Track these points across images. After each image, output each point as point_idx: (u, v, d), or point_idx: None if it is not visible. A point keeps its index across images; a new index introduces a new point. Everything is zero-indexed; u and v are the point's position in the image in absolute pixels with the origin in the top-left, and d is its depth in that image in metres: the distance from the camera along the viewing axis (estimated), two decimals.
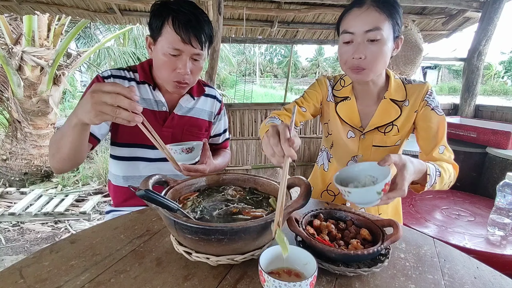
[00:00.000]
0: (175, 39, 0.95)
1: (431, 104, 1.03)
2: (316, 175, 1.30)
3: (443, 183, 0.92)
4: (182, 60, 0.99)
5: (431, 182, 0.87)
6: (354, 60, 0.94)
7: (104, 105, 0.68)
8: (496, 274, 0.70)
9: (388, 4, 0.91)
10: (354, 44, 0.93)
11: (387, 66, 1.04)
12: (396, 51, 0.99)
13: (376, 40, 0.90)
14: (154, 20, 0.98)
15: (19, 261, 0.67)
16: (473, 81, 3.12)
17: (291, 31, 3.34)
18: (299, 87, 26.23)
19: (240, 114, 3.14)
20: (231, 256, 0.64)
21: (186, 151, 0.97)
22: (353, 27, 0.92)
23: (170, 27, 0.95)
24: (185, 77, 1.02)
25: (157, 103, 1.11)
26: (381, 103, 1.06)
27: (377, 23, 0.90)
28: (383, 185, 0.69)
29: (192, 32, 0.96)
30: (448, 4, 2.82)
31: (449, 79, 31.83)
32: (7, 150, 3.87)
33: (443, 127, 1.03)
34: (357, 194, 0.72)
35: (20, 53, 3.70)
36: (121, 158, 1.12)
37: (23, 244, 2.52)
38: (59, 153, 0.88)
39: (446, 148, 1.02)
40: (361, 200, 0.73)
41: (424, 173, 0.85)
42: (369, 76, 0.97)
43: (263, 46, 35.96)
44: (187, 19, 0.95)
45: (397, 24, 0.93)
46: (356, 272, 0.65)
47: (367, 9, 0.90)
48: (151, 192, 0.62)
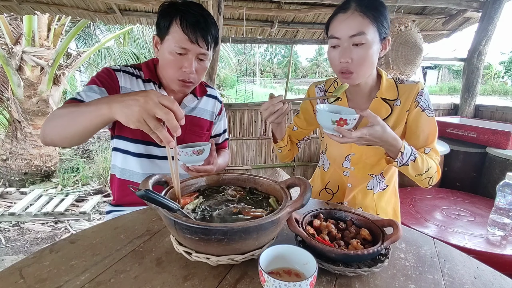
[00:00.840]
0: (182, 38, 0.97)
1: (422, 105, 1.04)
2: (316, 175, 1.32)
3: (417, 171, 0.97)
4: (188, 59, 1.01)
5: (402, 160, 0.93)
6: (342, 64, 0.96)
7: (152, 118, 0.65)
8: (496, 274, 0.70)
9: (372, 8, 0.92)
10: (341, 48, 0.96)
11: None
12: (384, 51, 1.01)
13: (361, 44, 0.93)
14: (162, 20, 1.00)
15: (19, 261, 0.67)
16: (473, 81, 3.12)
17: (291, 31, 3.34)
18: (299, 87, 26.24)
19: (240, 114, 3.14)
20: (231, 256, 0.64)
21: (197, 153, 0.98)
22: (338, 32, 0.95)
23: (178, 27, 0.97)
24: (190, 76, 1.03)
25: None
26: (373, 102, 1.07)
27: (361, 28, 0.92)
28: (338, 118, 0.81)
29: (199, 32, 0.98)
30: (448, 4, 2.82)
31: (449, 79, 31.82)
32: (7, 150, 3.87)
33: (433, 130, 1.05)
34: (320, 115, 0.87)
35: (20, 53, 3.70)
36: (137, 155, 1.12)
37: (23, 244, 2.52)
38: (65, 130, 0.83)
39: (432, 150, 1.05)
40: (321, 121, 0.87)
41: (398, 150, 0.92)
42: (357, 80, 1.00)
43: (263, 46, 35.98)
44: (195, 19, 0.98)
45: (383, 26, 0.95)
46: (356, 272, 0.65)
47: (351, 14, 0.93)
48: (151, 192, 0.62)
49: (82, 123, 0.79)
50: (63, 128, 0.83)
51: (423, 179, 1.01)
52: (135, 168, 1.14)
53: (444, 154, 2.60)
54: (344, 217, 0.83)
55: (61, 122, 0.83)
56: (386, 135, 0.88)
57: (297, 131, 1.27)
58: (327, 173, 1.24)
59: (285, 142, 1.18)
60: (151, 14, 2.84)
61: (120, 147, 1.13)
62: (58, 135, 0.85)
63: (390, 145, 0.91)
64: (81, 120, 0.79)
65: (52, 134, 0.86)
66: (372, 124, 0.87)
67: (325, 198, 1.24)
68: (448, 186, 2.59)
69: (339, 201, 1.20)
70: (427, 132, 1.05)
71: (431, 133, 1.05)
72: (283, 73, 38.36)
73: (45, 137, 0.89)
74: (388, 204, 1.19)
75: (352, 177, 1.15)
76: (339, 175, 1.19)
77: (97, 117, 0.75)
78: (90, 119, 0.77)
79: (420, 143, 1.05)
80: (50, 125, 0.86)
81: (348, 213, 0.84)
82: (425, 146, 1.05)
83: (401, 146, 0.92)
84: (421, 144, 1.05)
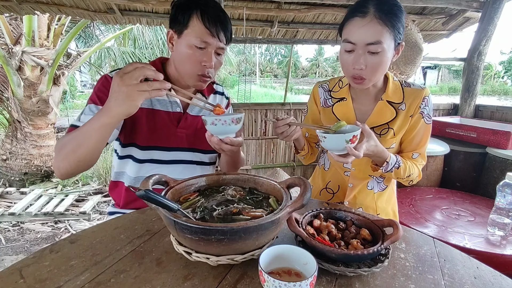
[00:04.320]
0: (204, 32, 0.97)
1: (423, 112, 1.05)
2: (316, 174, 1.32)
3: (399, 176, 1.05)
4: (207, 53, 1.00)
5: (387, 168, 1.00)
6: (356, 70, 0.95)
7: (138, 84, 0.71)
8: (496, 274, 0.70)
9: (391, 14, 0.89)
10: (355, 54, 0.94)
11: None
12: (396, 57, 1.00)
13: (376, 53, 0.91)
14: (180, 13, 0.98)
15: (19, 261, 0.67)
16: (473, 81, 3.12)
17: (291, 31, 3.33)
18: (299, 87, 26.24)
19: None
20: (231, 256, 0.64)
21: (235, 121, 0.90)
22: (354, 37, 0.92)
23: (199, 20, 0.96)
24: (209, 70, 1.02)
25: (171, 104, 1.10)
26: (378, 104, 1.07)
27: (378, 37, 0.89)
28: (351, 136, 0.84)
29: (220, 26, 0.98)
30: (448, 4, 2.82)
31: (449, 79, 31.82)
32: (7, 150, 3.87)
33: (426, 136, 1.08)
34: (331, 139, 0.87)
35: (20, 53, 3.70)
36: (141, 160, 1.09)
37: (23, 244, 2.52)
38: (75, 155, 0.84)
39: (420, 155, 1.10)
40: (332, 145, 0.88)
41: (384, 160, 0.99)
42: (368, 85, 1.00)
43: (263, 46, 35.97)
44: (216, 14, 0.98)
45: (399, 33, 0.93)
46: (356, 272, 0.65)
47: (370, 21, 0.89)
48: (151, 192, 0.62)
49: (91, 142, 0.82)
50: (73, 153, 0.85)
51: (403, 181, 1.10)
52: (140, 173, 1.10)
53: (444, 154, 2.60)
54: (344, 217, 0.83)
55: (69, 148, 0.85)
56: (377, 148, 0.94)
57: (309, 135, 1.26)
58: (327, 173, 1.24)
59: (306, 150, 1.20)
60: (151, 14, 2.84)
61: (133, 155, 1.08)
62: (71, 162, 0.87)
63: (379, 157, 0.98)
64: (88, 140, 0.82)
65: (64, 164, 0.88)
66: (368, 139, 0.91)
67: (326, 197, 1.24)
68: (448, 186, 2.59)
69: (340, 201, 1.20)
70: (420, 138, 1.08)
71: (423, 139, 1.08)
72: (283, 73, 38.35)
73: (60, 170, 0.90)
74: (388, 204, 1.19)
75: (353, 177, 1.15)
76: (340, 175, 1.19)
77: (101, 127, 0.79)
78: (97, 135, 0.81)
79: (411, 147, 1.09)
80: (60, 157, 0.88)
81: (348, 213, 0.84)
82: (415, 150, 1.08)
83: (388, 157, 0.98)
84: (412, 148, 1.09)
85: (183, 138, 1.12)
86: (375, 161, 1.03)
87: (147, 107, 1.07)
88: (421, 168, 1.10)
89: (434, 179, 2.65)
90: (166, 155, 1.11)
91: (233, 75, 18.17)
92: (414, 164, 1.07)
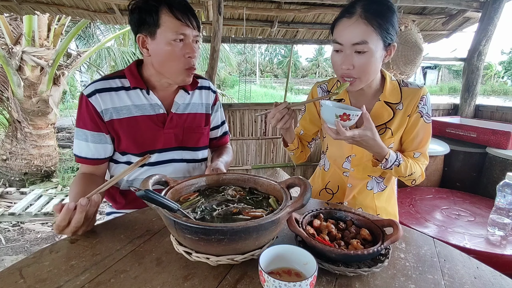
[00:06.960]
0: (177, 25, 0.97)
1: (422, 111, 1.05)
2: (316, 175, 1.32)
3: (400, 174, 1.04)
4: (187, 44, 1.00)
5: (386, 165, 1.00)
6: (344, 70, 0.96)
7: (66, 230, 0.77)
8: (496, 274, 0.70)
9: (378, 15, 0.90)
10: (344, 54, 0.95)
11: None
12: (388, 57, 1.00)
13: (363, 52, 0.92)
14: (146, 15, 0.96)
15: (19, 261, 0.67)
16: (473, 81, 3.12)
17: (291, 31, 3.33)
18: (299, 87, 26.22)
19: (240, 114, 3.13)
20: (231, 256, 0.64)
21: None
22: (341, 37, 0.94)
23: (170, 15, 0.96)
24: (193, 61, 1.03)
25: (153, 107, 1.08)
26: (375, 105, 1.07)
27: (364, 37, 0.90)
28: (342, 112, 0.87)
29: (190, 14, 0.99)
30: (448, 4, 2.82)
31: (449, 79, 31.80)
32: (7, 150, 3.87)
33: (427, 136, 1.08)
34: (325, 109, 0.92)
35: (20, 53, 3.70)
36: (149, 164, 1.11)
37: (23, 244, 2.52)
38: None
39: (422, 155, 1.09)
40: (325, 115, 0.92)
41: (383, 156, 0.98)
42: (359, 85, 1.00)
43: (263, 46, 35.97)
44: (182, 4, 0.98)
45: (388, 34, 0.93)
46: (356, 272, 0.65)
47: (355, 21, 0.90)
48: (151, 192, 0.62)
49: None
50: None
51: (405, 180, 1.09)
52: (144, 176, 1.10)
53: (444, 154, 2.60)
54: (344, 217, 0.83)
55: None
56: (373, 142, 0.94)
57: (304, 133, 1.26)
58: (327, 173, 1.24)
59: (296, 145, 1.18)
60: None
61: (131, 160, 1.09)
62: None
63: (377, 151, 0.98)
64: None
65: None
66: (365, 128, 0.92)
67: (325, 198, 1.24)
68: (448, 186, 2.59)
69: (339, 201, 1.20)
70: (421, 137, 1.07)
71: (424, 139, 1.07)
72: (283, 73, 38.35)
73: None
74: (388, 204, 1.19)
75: (352, 178, 1.15)
76: (339, 176, 1.19)
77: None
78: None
79: (412, 147, 1.09)
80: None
81: (348, 213, 0.84)
82: (416, 150, 1.08)
83: (387, 153, 0.98)
84: (413, 148, 1.08)
85: (172, 138, 1.12)
86: (375, 156, 1.02)
87: (127, 116, 1.05)
88: (424, 168, 1.09)
89: (434, 179, 2.65)
90: (156, 156, 1.11)
91: (233, 75, 18.17)
92: (417, 164, 1.07)
